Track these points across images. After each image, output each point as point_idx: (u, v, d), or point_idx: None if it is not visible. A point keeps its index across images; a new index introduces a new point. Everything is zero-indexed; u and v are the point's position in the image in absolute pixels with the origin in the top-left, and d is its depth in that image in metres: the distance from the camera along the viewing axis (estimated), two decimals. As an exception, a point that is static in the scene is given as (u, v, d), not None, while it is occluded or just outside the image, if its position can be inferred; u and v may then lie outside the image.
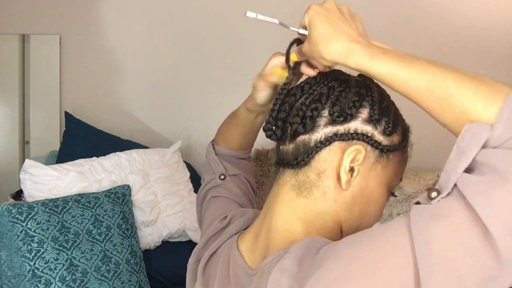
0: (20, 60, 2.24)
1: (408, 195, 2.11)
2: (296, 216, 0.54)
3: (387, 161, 0.54)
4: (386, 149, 0.53)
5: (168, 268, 1.69)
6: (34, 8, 2.23)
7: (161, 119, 2.29)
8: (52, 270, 1.30)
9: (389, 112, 0.54)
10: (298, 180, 0.55)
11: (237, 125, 0.75)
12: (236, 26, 2.23)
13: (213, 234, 0.66)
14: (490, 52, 2.30)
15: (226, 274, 0.58)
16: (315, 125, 0.53)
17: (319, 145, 0.53)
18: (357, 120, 0.53)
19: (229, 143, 0.78)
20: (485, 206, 0.36)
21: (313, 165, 0.54)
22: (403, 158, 0.57)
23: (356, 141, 0.52)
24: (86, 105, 2.25)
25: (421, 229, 0.38)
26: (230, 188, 0.75)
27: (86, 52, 2.26)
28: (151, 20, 2.25)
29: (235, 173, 0.77)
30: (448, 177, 0.40)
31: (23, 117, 2.26)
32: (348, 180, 0.52)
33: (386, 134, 0.53)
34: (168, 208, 1.73)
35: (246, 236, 0.60)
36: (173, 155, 1.87)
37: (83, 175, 1.57)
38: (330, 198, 0.53)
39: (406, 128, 0.58)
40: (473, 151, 0.39)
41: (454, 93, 0.42)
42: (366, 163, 0.53)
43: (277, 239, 0.54)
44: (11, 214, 1.31)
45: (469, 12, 2.25)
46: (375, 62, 0.47)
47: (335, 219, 0.54)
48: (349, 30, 0.50)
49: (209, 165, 0.79)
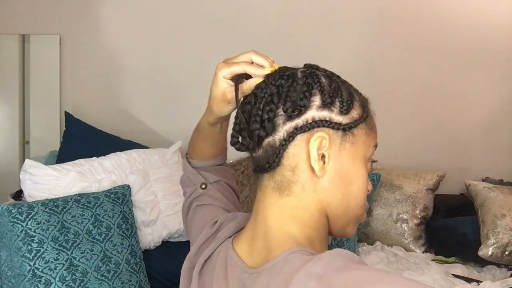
0: (20, 60, 2.25)
1: (408, 195, 2.11)
2: (285, 216, 0.55)
3: (353, 137, 0.56)
4: (348, 127, 0.55)
5: (168, 268, 1.69)
6: (34, 8, 2.23)
7: (161, 119, 2.29)
8: (52, 270, 1.30)
9: (340, 92, 0.56)
10: (275, 181, 0.56)
11: (205, 139, 0.75)
12: (236, 26, 2.23)
13: (205, 240, 0.66)
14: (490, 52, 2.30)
15: (223, 277, 0.58)
16: (275, 126, 0.55)
17: (283, 143, 0.54)
18: (311, 109, 0.54)
19: (202, 156, 0.78)
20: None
21: (285, 163, 0.55)
22: (368, 128, 0.58)
23: (317, 129, 0.54)
24: (86, 105, 2.25)
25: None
26: (213, 195, 0.75)
27: (86, 52, 2.26)
28: (151, 20, 2.26)
29: (215, 179, 0.77)
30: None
31: (23, 117, 2.26)
32: (321, 168, 0.54)
33: (344, 113, 0.55)
34: (168, 208, 1.73)
35: (241, 238, 0.61)
36: (173, 155, 1.87)
37: (83, 175, 1.57)
38: (310, 190, 0.55)
39: (363, 101, 0.59)
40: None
41: None
42: (333, 146, 0.55)
43: (278, 239, 0.54)
44: (11, 214, 1.31)
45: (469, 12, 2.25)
46: None
47: (319, 209, 0.55)
48: None
49: (188, 178, 0.79)
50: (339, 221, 0.57)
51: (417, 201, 2.11)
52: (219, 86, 0.63)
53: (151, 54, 2.27)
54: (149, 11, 2.25)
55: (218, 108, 0.66)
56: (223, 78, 0.62)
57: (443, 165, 2.26)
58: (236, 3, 2.24)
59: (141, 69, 2.27)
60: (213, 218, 0.69)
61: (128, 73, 2.28)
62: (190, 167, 0.78)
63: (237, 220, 0.65)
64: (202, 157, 0.78)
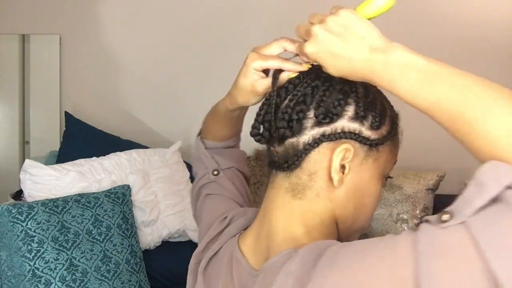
0: (20, 60, 2.25)
1: (408, 195, 2.11)
2: (294, 218, 0.54)
3: (377, 154, 0.54)
4: (375, 143, 0.53)
5: (168, 268, 1.69)
6: (34, 8, 2.23)
7: (161, 119, 2.29)
8: (52, 270, 1.30)
9: (375, 105, 0.54)
10: (291, 182, 0.55)
11: (219, 122, 0.74)
12: (235, 26, 2.23)
13: (214, 236, 0.66)
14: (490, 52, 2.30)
15: (229, 275, 0.58)
16: (302, 128, 0.53)
17: (307, 148, 0.52)
18: (343, 118, 0.52)
19: (216, 137, 0.77)
20: (496, 255, 0.35)
21: (304, 167, 0.53)
22: (393, 145, 0.57)
23: (344, 140, 0.52)
24: (86, 105, 2.25)
25: (428, 260, 0.38)
26: (224, 184, 0.74)
27: (86, 52, 2.26)
28: (151, 20, 2.25)
29: (228, 166, 0.76)
30: (463, 206, 0.39)
31: (23, 117, 2.26)
32: (340, 179, 0.52)
33: (374, 128, 0.53)
34: (168, 208, 1.73)
35: (247, 236, 0.60)
36: (173, 155, 1.87)
37: (83, 175, 1.57)
38: (324, 198, 0.53)
39: (394, 117, 0.57)
40: (491, 193, 0.38)
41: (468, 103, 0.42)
42: (356, 159, 0.53)
43: (278, 240, 0.54)
44: (11, 214, 1.31)
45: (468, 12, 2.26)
46: (392, 87, 0.47)
47: (330, 216, 0.54)
48: (359, 54, 0.49)
49: (200, 160, 0.78)
50: (346, 231, 0.57)
51: (417, 201, 2.11)
52: (248, 78, 0.60)
53: (151, 54, 2.27)
54: (149, 11, 2.25)
55: (243, 99, 0.63)
56: (255, 70, 0.59)
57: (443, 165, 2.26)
58: (236, 3, 2.24)
59: (141, 69, 2.27)
60: (223, 213, 0.69)
61: (128, 73, 2.28)
62: (203, 147, 0.77)
63: (246, 217, 0.64)
64: (215, 138, 0.77)
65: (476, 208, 0.38)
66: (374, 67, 0.47)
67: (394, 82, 0.46)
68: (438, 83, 0.44)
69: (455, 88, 0.43)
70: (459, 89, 0.43)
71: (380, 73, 0.47)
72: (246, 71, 0.60)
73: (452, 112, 0.43)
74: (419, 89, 0.45)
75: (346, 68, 0.50)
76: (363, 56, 0.48)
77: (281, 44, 0.59)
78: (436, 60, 0.46)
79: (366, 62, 0.48)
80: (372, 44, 0.48)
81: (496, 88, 0.43)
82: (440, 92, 0.44)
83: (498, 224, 0.36)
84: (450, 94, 0.43)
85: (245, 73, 0.60)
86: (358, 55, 0.48)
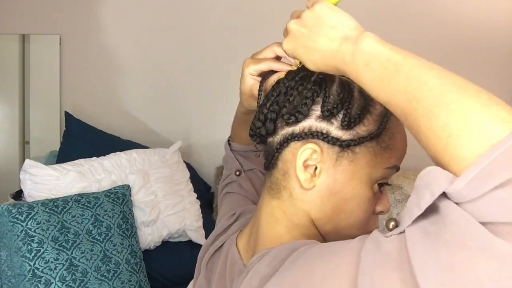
0: (20, 60, 2.25)
1: (408, 195, 2.12)
2: (275, 217, 0.55)
3: (353, 155, 0.51)
4: (346, 144, 0.50)
5: (168, 268, 1.69)
6: (34, 8, 2.23)
7: (161, 119, 2.29)
8: (52, 270, 1.30)
9: (349, 104, 0.51)
10: (270, 181, 0.56)
11: (240, 125, 0.77)
12: (235, 26, 2.23)
13: (221, 230, 0.67)
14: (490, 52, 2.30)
15: (224, 270, 0.60)
16: (275, 127, 0.53)
17: (278, 147, 0.53)
18: (311, 118, 0.51)
19: (240, 139, 0.80)
20: (422, 273, 0.33)
21: (279, 167, 0.54)
22: (382, 147, 0.52)
23: (311, 140, 0.51)
24: (86, 105, 2.25)
25: (367, 268, 0.37)
26: (243, 184, 0.77)
27: (86, 52, 2.26)
28: (151, 20, 2.25)
29: (250, 167, 0.79)
30: (405, 215, 0.37)
31: (23, 117, 2.26)
32: (307, 180, 0.51)
33: (345, 128, 0.50)
34: (168, 208, 1.73)
35: (243, 234, 0.62)
36: (173, 155, 1.87)
37: (83, 175, 1.57)
38: (296, 199, 0.53)
39: (382, 116, 0.52)
40: (425, 202, 0.35)
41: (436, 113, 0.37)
42: (328, 160, 0.51)
43: (262, 239, 0.55)
44: (11, 214, 1.31)
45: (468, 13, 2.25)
46: (358, 79, 0.45)
47: (306, 219, 0.53)
48: (327, 44, 0.47)
49: (227, 161, 0.81)
50: (329, 237, 0.55)
51: (417, 201, 2.11)
52: (246, 83, 0.62)
53: (151, 54, 2.27)
54: (149, 11, 2.25)
55: (247, 103, 0.66)
56: (250, 75, 0.61)
57: (443, 165, 2.26)
58: (236, 3, 2.24)
59: (141, 69, 2.27)
60: (233, 209, 0.71)
61: (128, 73, 2.28)
62: (229, 149, 0.80)
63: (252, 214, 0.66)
64: (240, 141, 0.80)
65: (414, 217, 0.36)
66: (344, 58, 0.45)
67: (358, 74, 0.44)
68: (396, 76, 0.40)
69: (409, 78, 0.39)
70: (413, 81, 0.39)
71: (349, 64, 0.45)
72: (243, 77, 0.62)
73: (404, 110, 0.40)
74: (378, 82, 0.42)
75: (321, 61, 0.48)
76: (334, 47, 0.46)
77: (272, 49, 0.61)
78: (405, 52, 0.42)
79: (336, 53, 0.46)
80: (344, 35, 0.46)
81: (461, 84, 0.38)
82: (396, 86, 0.40)
83: (429, 238, 0.34)
84: (404, 88, 0.39)
85: (243, 79, 0.63)
86: (330, 46, 0.47)
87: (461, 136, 0.34)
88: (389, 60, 0.41)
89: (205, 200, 2.00)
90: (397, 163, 0.54)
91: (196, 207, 1.82)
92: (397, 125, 0.54)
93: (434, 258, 0.33)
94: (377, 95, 0.43)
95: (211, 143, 2.28)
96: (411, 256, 0.34)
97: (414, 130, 0.40)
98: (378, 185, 0.53)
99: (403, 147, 0.55)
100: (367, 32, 0.45)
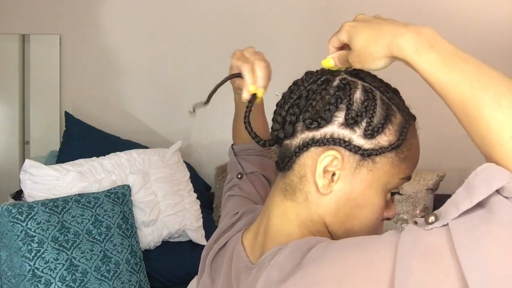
0: (20, 60, 2.25)
1: (408, 195, 2.11)
2: (287, 218, 0.55)
3: (373, 165, 0.51)
4: (367, 153, 0.50)
5: (168, 268, 1.69)
6: (34, 8, 2.23)
7: (161, 119, 2.29)
8: (52, 270, 1.30)
9: (372, 112, 0.50)
10: (285, 183, 0.55)
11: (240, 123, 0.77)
12: (235, 26, 2.23)
13: (225, 229, 0.68)
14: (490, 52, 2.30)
15: (229, 267, 0.60)
16: (294, 130, 0.53)
17: (297, 151, 0.53)
18: (333, 124, 0.51)
19: (242, 138, 0.81)
20: (469, 263, 0.35)
21: (295, 169, 0.54)
22: (400, 158, 0.52)
23: (333, 146, 0.51)
24: (86, 105, 2.25)
25: (406, 260, 0.38)
26: (244, 187, 0.78)
27: (86, 52, 2.26)
28: (151, 20, 2.26)
29: (252, 170, 0.80)
30: (450, 209, 0.39)
31: (23, 117, 2.26)
32: (325, 185, 0.51)
33: (367, 137, 0.50)
34: (168, 208, 1.73)
35: (249, 232, 0.62)
36: (173, 155, 1.87)
37: (83, 175, 1.57)
38: (312, 202, 0.53)
39: (402, 126, 0.53)
40: (480, 196, 0.37)
41: (486, 114, 0.41)
42: (347, 168, 0.51)
43: (273, 236, 0.55)
44: (11, 214, 1.31)
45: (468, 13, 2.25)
46: (417, 56, 0.46)
47: (319, 222, 0.54)
48: (392, 26, 0.49)
49: (230, 165, 0.83)
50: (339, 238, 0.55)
51: (417, 201, 2.11)
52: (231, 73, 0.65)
53: (151, 54, 2.27)
54: (149, 11, 2.25)
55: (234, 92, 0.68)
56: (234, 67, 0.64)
57: (443, 165, 2.26)
58: (236, 3, 2.24)
59: (141, 69, 2.27)
60: (236, 208, 0.72)
61: (128, 73, 2.28)
62: (232, 154, 0.82)
63: (255, 213, 0.66)
64: (241, 140, 0.81)
65: (461, 211, 0.38)
66: (403, 33, 0.47)
67: (420, 52, 0.46)
68: (462, 64, 0.44)
69: (477, 70, 0.44)
70: (481, 73, 0.43)
71: (409, 39, 0.47)
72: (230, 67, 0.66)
73: (466, 94, 0.43)
74: (442, 63, 0.45)
75: (378, 33, 0.49)
76: (399, 26, 0.49)
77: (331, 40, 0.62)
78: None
79: (400, 29, 0.48)
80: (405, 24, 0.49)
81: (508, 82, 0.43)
82: (462, 71, 0.44)
83: (476, 231, 0.36)
84: (471, 76, 0.43)
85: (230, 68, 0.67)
86: (394, 24, 0.50)
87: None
88: (455, 50, 0.46)
89: (205, 200, 2.00)
90: (411, 173, 0.55)
91: (196, 207, 1.82)
92: (414, 136, 0.55)
93: (481, 251, 0.34)
94: (434, 75, 0.45)
95: (211, 143, 2.28)
96: (456, 248, 0.36)
97: (472, 117, 0.43)
98: (390, 193, 0.55)
99: (418, 158, 0.56)
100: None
